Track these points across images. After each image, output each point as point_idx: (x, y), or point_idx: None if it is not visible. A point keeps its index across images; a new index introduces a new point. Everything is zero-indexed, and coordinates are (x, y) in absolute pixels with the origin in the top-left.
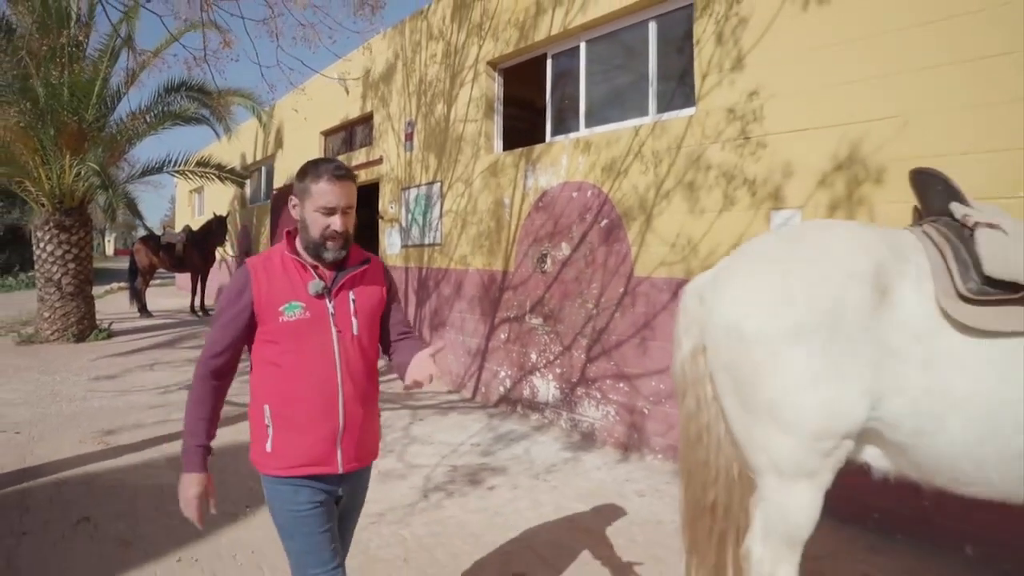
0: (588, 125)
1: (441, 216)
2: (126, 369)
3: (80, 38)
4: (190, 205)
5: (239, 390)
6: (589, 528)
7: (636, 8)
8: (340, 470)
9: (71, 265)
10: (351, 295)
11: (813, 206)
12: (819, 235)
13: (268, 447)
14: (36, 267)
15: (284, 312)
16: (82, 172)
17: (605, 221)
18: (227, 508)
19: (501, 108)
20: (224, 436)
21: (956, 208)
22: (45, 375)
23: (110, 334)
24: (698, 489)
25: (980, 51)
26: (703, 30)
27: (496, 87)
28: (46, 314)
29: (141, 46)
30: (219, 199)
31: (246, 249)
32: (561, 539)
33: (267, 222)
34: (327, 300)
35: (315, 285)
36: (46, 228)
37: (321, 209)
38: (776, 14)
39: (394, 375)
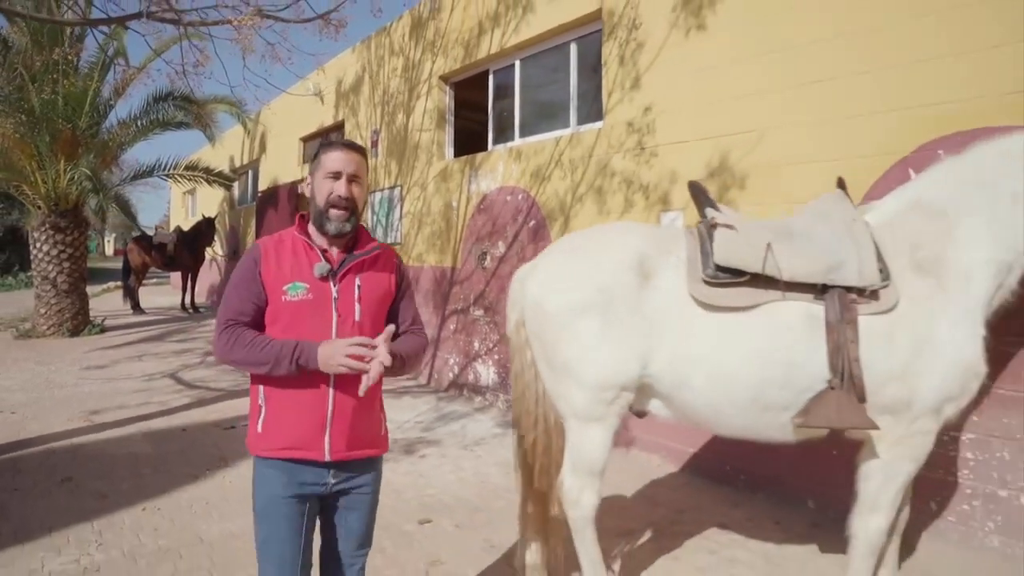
0: (521, 135)
1: (401, 217)
2: (115, 360)
3: (69, 56)
4: (184, 207)
5: (218, 376)
6: (496, 487)
7: (560, 31)
8: (326, 457)
9: (66, 264)
10: (357, 280)
11: (693, 209)
12: (602, 234)
13: (259, 428)
14: (33, 266)
15: (287, 291)
16: (75, 176)
17: (533, 222)
18: (189, 471)
19: (452, 119)
20: (194, 415)
21: (709, 212)
22: (40, 365)
23: (103, 329)
24: (522, 433)
25: (814, 76)
26: (609, 52)
27: (447, 99)
28: (42, 310)
29: (130, 58)
30: (210, 201)
31: (235, 248)
32: (470, 495)
33: (253, 223)
34: (331, 283)
35: (320, 267)
36: (42, 229)
37: (329, 174)
38: (665, 40)
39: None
